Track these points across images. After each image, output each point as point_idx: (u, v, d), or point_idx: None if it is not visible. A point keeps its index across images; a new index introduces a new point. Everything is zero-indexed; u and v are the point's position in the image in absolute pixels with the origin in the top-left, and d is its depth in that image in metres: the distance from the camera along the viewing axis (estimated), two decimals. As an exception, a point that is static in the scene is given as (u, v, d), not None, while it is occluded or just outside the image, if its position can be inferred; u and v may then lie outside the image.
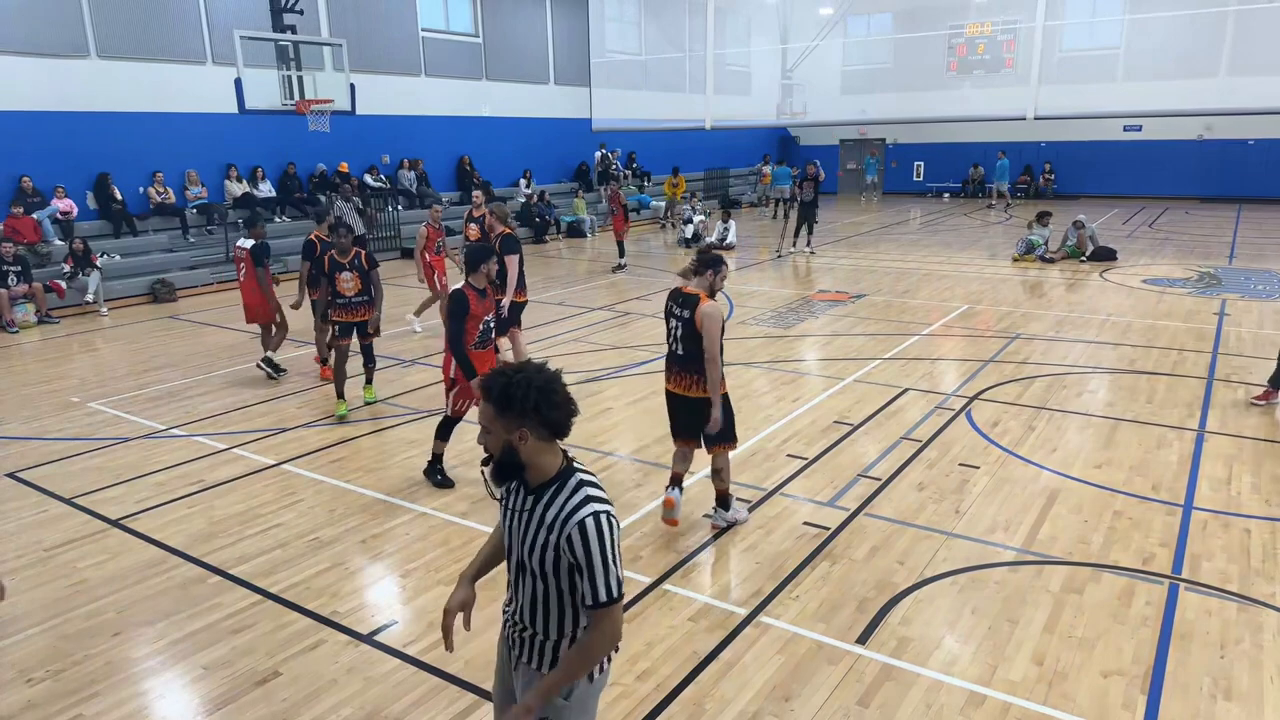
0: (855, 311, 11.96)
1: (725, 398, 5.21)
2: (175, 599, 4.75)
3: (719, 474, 5.39)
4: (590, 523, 2.19)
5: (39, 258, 13.03)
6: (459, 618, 2.56)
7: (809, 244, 17.73)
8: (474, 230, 10.86)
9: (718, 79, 20.48)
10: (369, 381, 8.13)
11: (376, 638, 4.33)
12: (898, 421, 7.35)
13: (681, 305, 5.14)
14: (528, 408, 2.19)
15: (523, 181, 21.49)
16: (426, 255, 10.71)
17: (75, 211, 13.90)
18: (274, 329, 9.42)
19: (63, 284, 12.71)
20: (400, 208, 18.59)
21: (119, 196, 14.38)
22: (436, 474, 6.23)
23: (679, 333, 5.15)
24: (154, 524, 5.67)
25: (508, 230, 8.69)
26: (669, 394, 5.37)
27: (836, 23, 23.88)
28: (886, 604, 4.53)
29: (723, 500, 5.47)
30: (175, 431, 7.51)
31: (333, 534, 5.50)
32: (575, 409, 2.28)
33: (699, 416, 5.19)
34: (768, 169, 27.11)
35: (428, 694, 3.87)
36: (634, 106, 22.27)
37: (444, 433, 6.19)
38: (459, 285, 5.89)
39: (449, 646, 2.55)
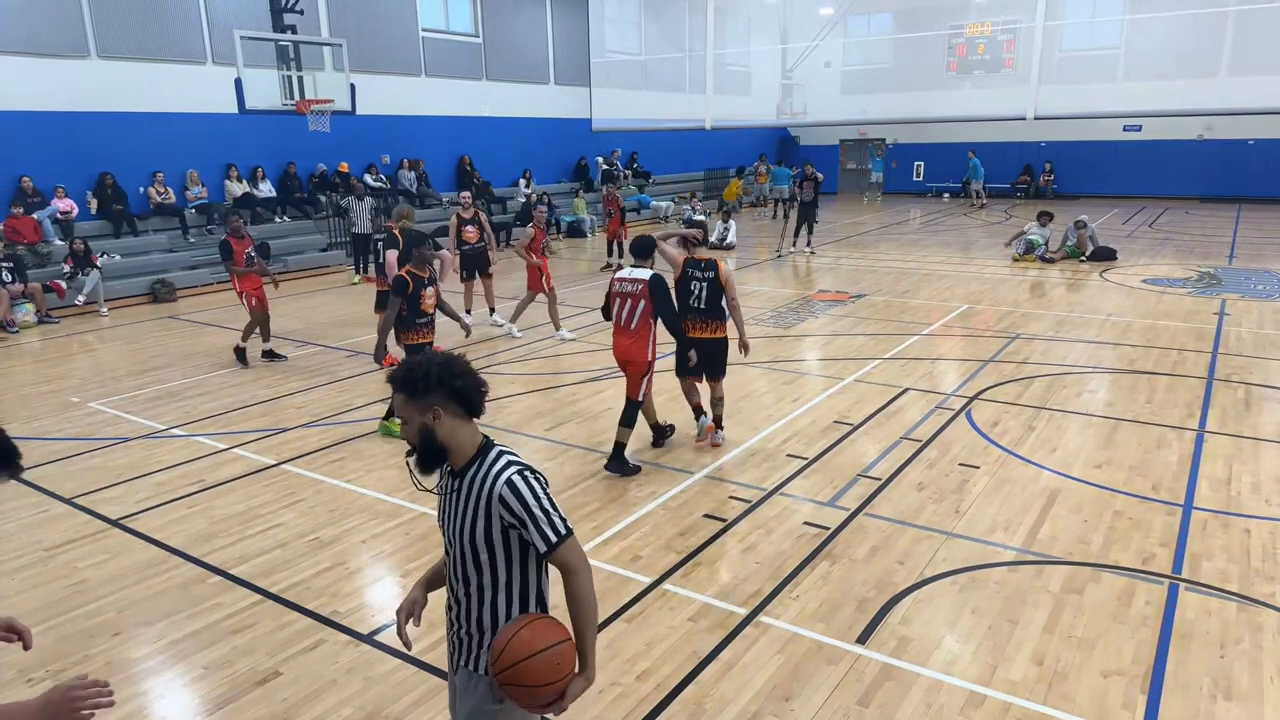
0: (855, 311, 11.96)
1: (727, 340, 6.72)
2: (175, 599, 4.75)
3: (721, 401, 6.88)
4: (517, 478, 2.27)
5: (39, 258, 13.04)
6: (415, 619, 2.57)
7: (809, 244, 17.74)
8: (471, 232, 10.80)
9: (718, 79, 20.48)
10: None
11: (376, 638, 4.33)
12: (898, 421, 7.35)
13: (704, 270, 6.58)
14: (431, 383, 2.26)
15: (522, 181, 21.48)
16: (533, 256, 10.52)
17: (75, 211, 13.90)
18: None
19: (63, 284, 12.71)
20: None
21: (110, 197, 14.33)
22: (624, 464, 6.24)
23: (704, 291, 6.57)
24: (154, 524, 5.68)
25: (394, 228, 8.80)
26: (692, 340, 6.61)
27: (836, 23, 23.89)
28: (886, 604, 4.53)
29: (720, 421, 6.90)
30: (175, 431, 7.51)
31: (333, 534, 5.50)
32: (482, 382, 2.37)
33: (718, 353, 6.70)
34: (763, 169, 27.14)
35: (428, 694, 3.87)
36: (634, 106, 22.29)
37: (630, 419, 6.28)
38: (654, 272, 6.22)
39: (406, 645, 2.57)
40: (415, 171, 19.35)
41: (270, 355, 9.73)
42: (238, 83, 13.36)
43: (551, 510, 2.29)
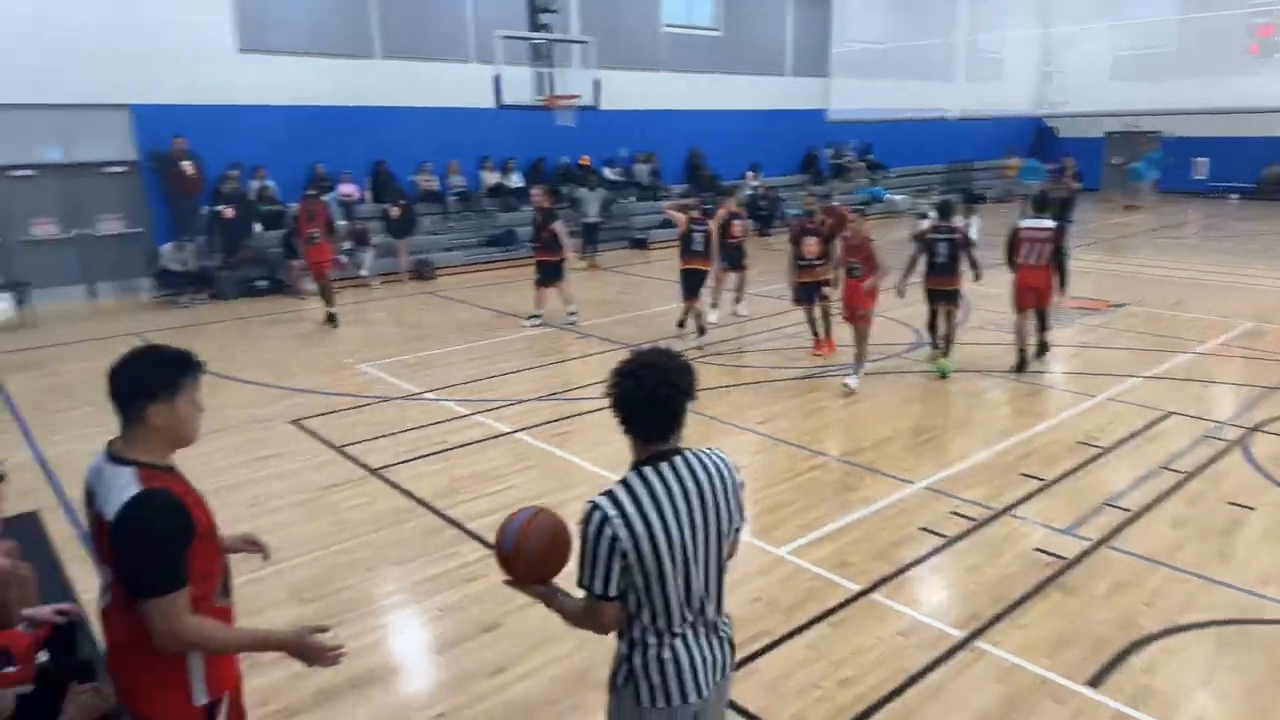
0: (1112, 322, 10.83)
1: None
2: (418, 545, 5.29)
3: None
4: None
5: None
6: None
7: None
8: (736, 226, 10.93)
9: (969, 66, 19.25)
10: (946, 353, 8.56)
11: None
12: (1157, 448, 6.58)
13: (700, 225, 9.80)
14: None
15: (750, 174, 21.43)
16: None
17: (357, 195, 15.70)
18: None
19: (343, 259, 14.43)
20: (634, 199, 19.22)
21: (384, 183, 16.01)
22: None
23: (703, 237, 9.77)
24: (405, 476, 6.33)
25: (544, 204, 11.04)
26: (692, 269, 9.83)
27: (1110, 1, 21.56)
28: (1127, 647, 4.10)
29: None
30: (427, 396, 8.32)
31: (559, 499, 5.83)
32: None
33: (703, 279, 9.92)
34: (1011, 161, 25.22)
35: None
36: (872, 96, 21.45)
37: (1049, 322, 8.83)
38: (1058, 222, 8.53)
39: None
40: (650, 165, 19.90)
41: None
42: (496, 79, 14.38)
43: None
